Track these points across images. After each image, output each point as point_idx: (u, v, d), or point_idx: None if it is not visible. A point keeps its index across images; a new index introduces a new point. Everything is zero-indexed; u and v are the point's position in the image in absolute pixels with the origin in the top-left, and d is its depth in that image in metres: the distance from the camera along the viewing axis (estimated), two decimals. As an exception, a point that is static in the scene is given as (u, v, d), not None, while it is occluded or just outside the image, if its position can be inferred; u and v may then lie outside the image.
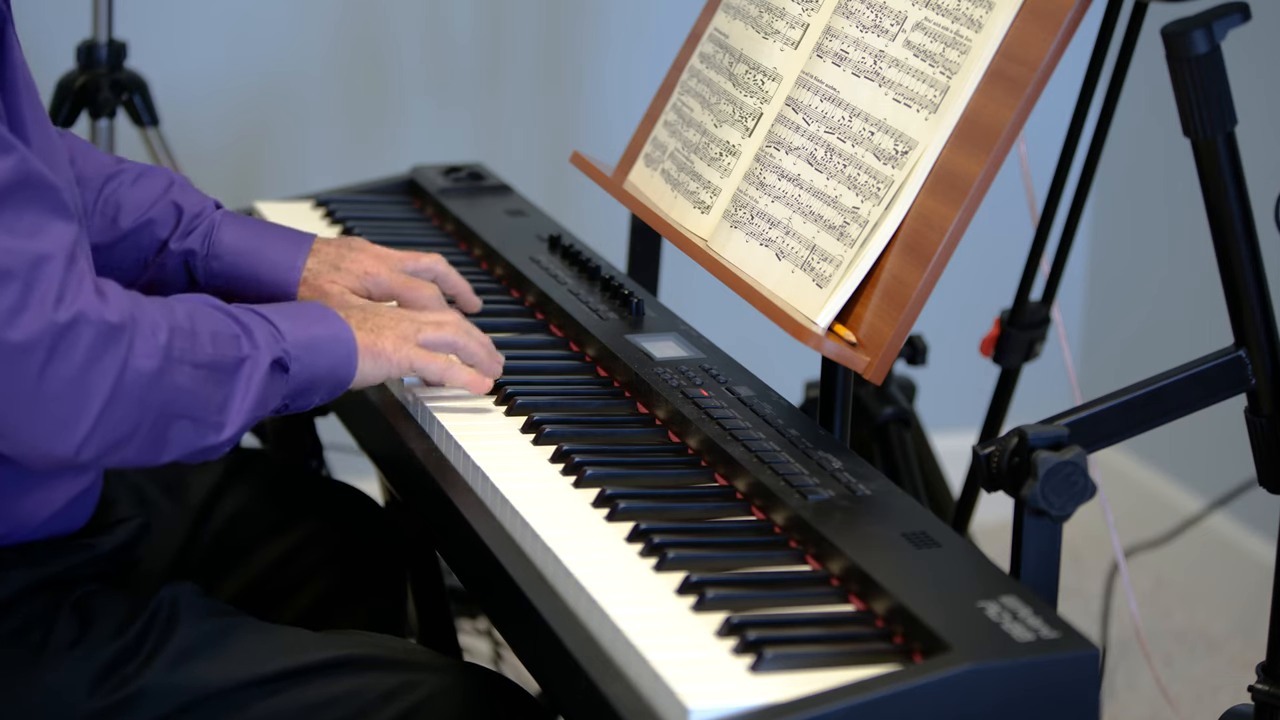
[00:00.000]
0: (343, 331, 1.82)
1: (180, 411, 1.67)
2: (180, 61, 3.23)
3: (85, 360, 1.60)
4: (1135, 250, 3.67)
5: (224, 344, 1.71)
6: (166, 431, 1.67)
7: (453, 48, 3.38)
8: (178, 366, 1.66)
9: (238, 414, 1.71)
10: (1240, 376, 1.92)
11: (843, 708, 1.42)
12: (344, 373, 1.81)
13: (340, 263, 2.03)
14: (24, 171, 1.61)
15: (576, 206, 3.38)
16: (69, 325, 1.59)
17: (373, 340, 1.84)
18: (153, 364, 1.64)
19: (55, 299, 1.59)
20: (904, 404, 2.80)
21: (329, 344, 1.80)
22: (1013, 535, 1.65)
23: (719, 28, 2.11)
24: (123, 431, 1.64)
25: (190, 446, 1.70)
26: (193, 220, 2.05)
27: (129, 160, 2.08)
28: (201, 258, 2.04)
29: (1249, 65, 2.56)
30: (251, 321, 1.75)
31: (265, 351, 1.73)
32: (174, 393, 1.66)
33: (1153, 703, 3.15)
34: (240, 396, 1.71)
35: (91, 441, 1.62)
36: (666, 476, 1.79)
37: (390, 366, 1.84)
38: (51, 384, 1.59)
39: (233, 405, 1.71)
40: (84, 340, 1.60)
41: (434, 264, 2.07)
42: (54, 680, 1.73)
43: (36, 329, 1.58)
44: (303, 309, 1.82)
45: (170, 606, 1.78)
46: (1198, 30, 1.85)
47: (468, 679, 1.80)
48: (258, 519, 2.10)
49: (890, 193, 1.84)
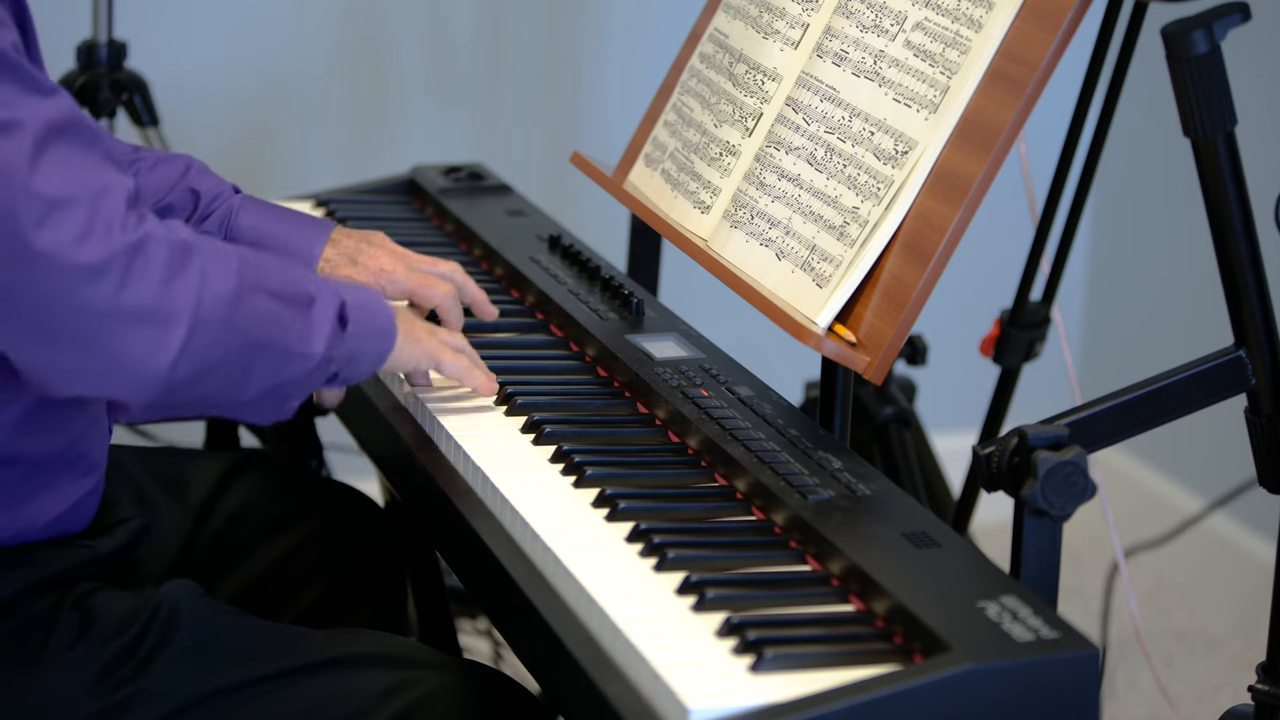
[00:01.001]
0: (382, 303, 1.80)
1: (262, 340, 1.66)
2: (180, 61, 3.23)
3: (164, 275, 1.59)
4: (1135, 250, 3.67)
5: (292, 278, 1.70)
6: (252, 362, 1.65)
7: (453, 48, 3.38)
8: (253, 293, 1.65)
9: (320, 341, 1.69)
10: (1240, 376, 1.92)
11: (843, 708, 1.42)
12: (386, 343, 1.79)
13: (358, 257, 2.02)
14: (76, 114, 1.62)
15: (576, 206, 3.38)
16: (140, 244, 1.58)
17: (409, 327, 1.83)
18: (229, 285, 1.63)
19: (121, 224, 1.58)
20: (904, 404, 2.80)
21: (373, 312, 1.78)
22: (1013, 535, 1.65)
23: (719, 28, 2.11)
24: (213, 355, 1.62)
25: (275, 378, 1.68)
26: (210, 204, 2.05)
27: (146, 148, 2.08)
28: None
29: (1249, 65, 2.55)
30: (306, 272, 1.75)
31: (331, 297, 1.72)
32: (254, 319, 1.65)
33: (1153, 703, 3.15)
34: (319, 327, 1.69)
35: (185, 360, 1.60)
36: (666, 476, 1.79)
37: (421, 354, 1.84)
38: (134, 300, 1.58)
39: (314, 335, 1.69)
40: (159, 257, 1.59)
41: (452, 272, 2.04)
42: (54, 680, 1.73)
43: (107, 250, 1.57)
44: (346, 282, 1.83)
45: (170, 606, 1.78)
46: (1198, 30, 1.85)
47: (468, 677, 1.80)
48: (258, 519, 2.10)
49: (890, 193, 1.84)
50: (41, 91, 1.60)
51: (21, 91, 1.59)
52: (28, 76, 1.60)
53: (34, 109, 1.58)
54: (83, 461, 1.80)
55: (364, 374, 1.79)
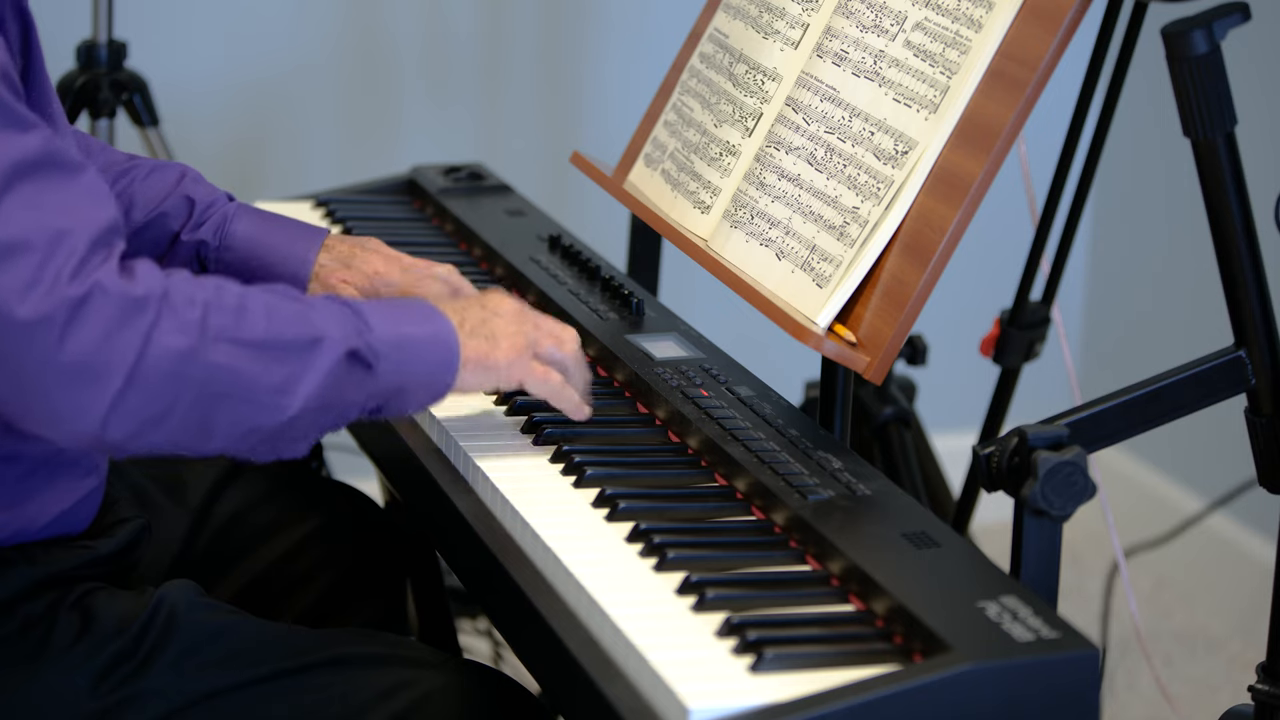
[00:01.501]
0: (444, 333, 1.73)
1: (223, 392, 1.60)
2: (180, 61, 3.23)
3: (104, 333, 1.55)
4: (1135, 250, 3.67)
5: (284, 323, 1.63)
6: (211, 412, 1.60)
7: (453, 48, 3.38)
8: (215, 344, 1.59)
9: (302, 395, 1.62)
10: (1240, 376, 1.92)
11: (843, 708, 1.42)
12: (443, 377, 1.73)
13: (351, 260, 2.03)
14: (49, 149, 1.58)
15: (576, 206, 3.38)
16: (84, 299, 1.55)
17: (486, 351, 1.75)
18: (183, 340, 1.58)
19: (71, 273, 1.55)
20: (904, 404, 2.80)
21: (425, 345, 1.71)
22: (1013, 535, 1.65)
23: (719, 28, 2.11)
24: (155, 410, 1.58)
25: (241, 428, 1.62)
26: (204, 212, 2.04)
27: (141, 157, 2.08)
28: (214, 249, 2.03)
29: (1249, 65, 2.55)
30: (328, 308, 1.67)
31: (339, 339, 1.65)
32: (213, 371, 1.59)
33: (1153, 703, 3.15)
34: (307, 379, 1.63)
35: (117, 418, 1.57)
36: (666, 476, 1.79)
37: (499, 380, 1.77)
38: (69, 356, 1.54)
39: (297, 387, 1.62)
40: (102, 313, 1.55)
41: (448, 275, 2.04)
42: (54, 679, 1.73)
43: (48, 305, 1.53)
44: (405, 305, 1.74)
45: (170, 606, 1.78)
46: (1198, 30, 1.85)
47: (467, 676, 1.80)
48: (258, 519, 2.09)
49: (890, 193, 1.84)
50: (17, 126, 1.57)
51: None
52: (3, 109, 1.57)
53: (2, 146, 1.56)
54: (84, 462, 1.80)
55: (421, 406, 1.74)
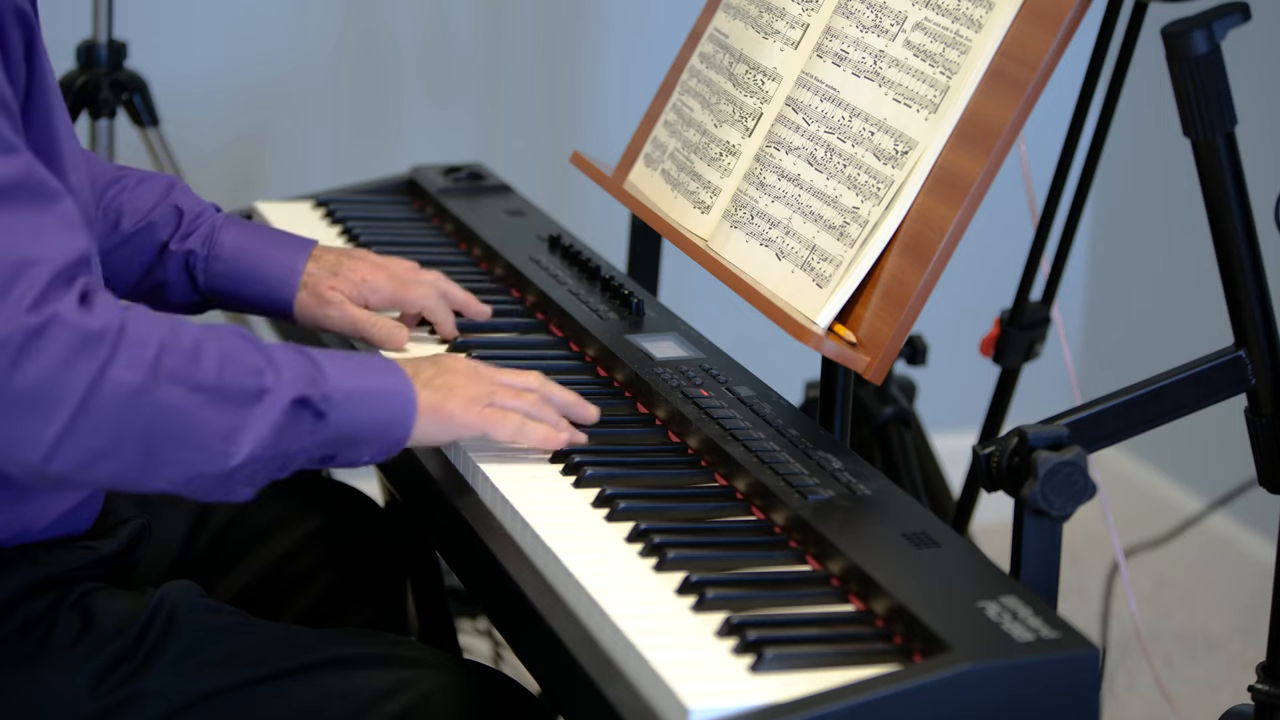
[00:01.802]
0: (401, 386, 1.72)
1: (170, 432, 1.59)
2: (180, 61, 3.23)
3: (56, 365, 1.54)
4: (1135, 250, 3.67)
5: (236, 372, 1.62)
6: (156, 452, 1.59)
7: (453, 48, 3.38)
8: (167, 385, 1.58)
9: (248, 444, 1.62)
10: (1240, 376, 1.92)
11: (843, 708, 1.42)
12: (397, 431, 1.72)
13: (339, 269, 2.04)
14: (26, 175, 1.58)
15: (576, 206, 3.38)
16: (40, 328, 1.53)
17: (440, 401, 1.75)
18: (135, 378, 1.57)
19: (32, 302, 1.53)
20: (904, 404, 2.80)
21: (381, 396, 1.71)
22: (1013, 535, 1.65)
23: (719, 28, 2.11)
24: (98, 444, 1.57)
25: (186, 472, 1.62)
26: (193, 222, 2.05)
27: (130, 168, 2.08)
28: (202, 259, 2.03)
29: (1249, 65, 2.56)
30: (284, 357, 1.66)
31: (289, 387, 1.64)
32: (161, 411, 1.58)
33: (1153, 703, 3.15)
34: (253, 428, 1.62)
35: (62, 452, 1.56)
36: (666, 476, 1.79)
37: (456, 429, 1.76)
38: (18, 386, 1.53)
39: (243, 435, 1.62)
40: (56, 344, 1.54)
41: (435, 280, 2.06)
42: (54, 679, 1.73)
43: (4, 331, 1.52)
44: (365, 359, 1.73)
45: (170, 606, 1.78)
46: (1198, 30, 1.85)
47: (467, 676, 1.80)
48: (257, 519, 2.09)
49: (890, 193, 1.84)
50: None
51: None
52: None
53: None
54: None
55: (374, 458, 1.73)
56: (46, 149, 1.68)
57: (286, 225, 2.39)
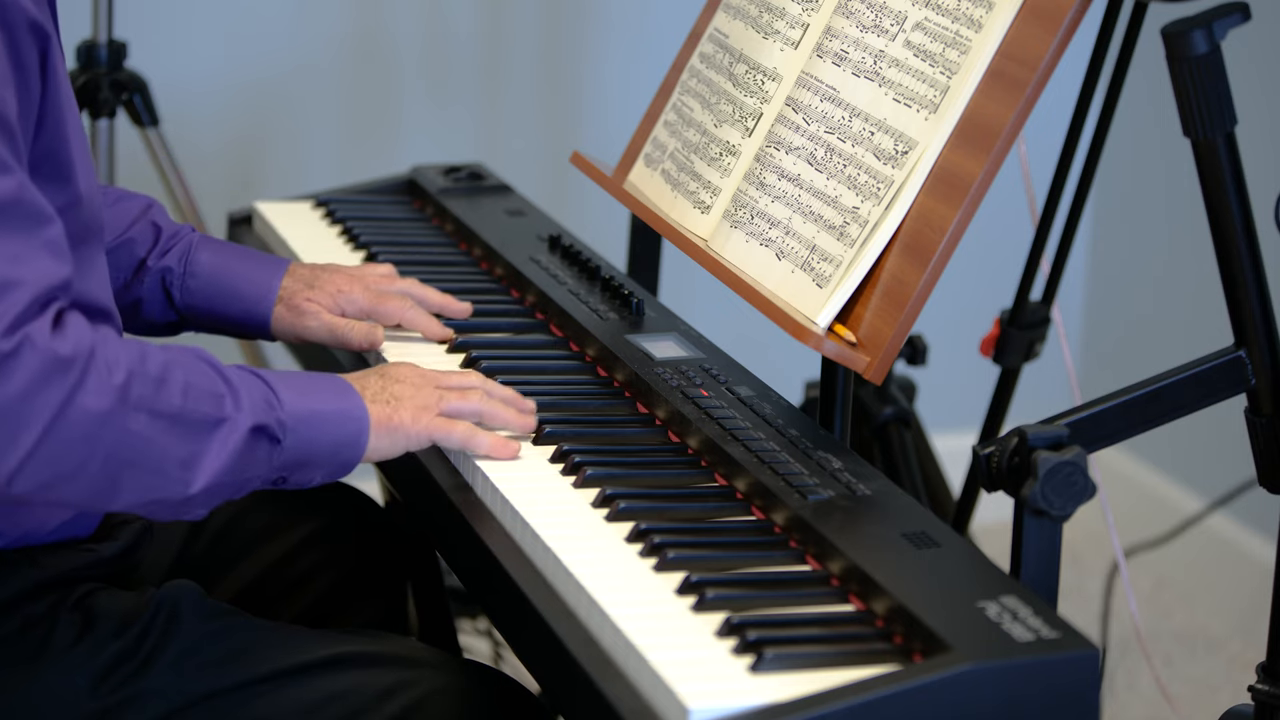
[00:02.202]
0: (354, 409, 1.74)
1: (133, 459, 1.61)
2: (180, 61, 3.23)
3: (24, 389, 1.54)
4: (1135, 250, 3.67)
5: (199, 399, 1.64)
6: (118, 476, 1.61)
7: (453, 48, 3.38)
8: (133, 412, 1.60)
9: (206, 473, 1.64)
10: (1240, 376, 1.92)
11: (843, 708, 1.42)
12: (349, 453, 1.74)
13: (315, 281, 2.06)
14: (18, 198, 1.58)
15: (576, 206, 3.38)
16: (11, 353, 1.54)
17: (388, 414, 1.76)
18: (102, 403, 1.58)
19: (6, 326, 1.54)
20: (904, 404, 2.80)
21: (334, 420, 1.73)
22: (1013, 535, 1.65)
23: (719, 28, 2.11)
24: (63, 468, 1.58)
25: (146, 496, 1.63)
26: (170, 239, 2.07)
27: (108, 186, 2.10)
28: (179, 275, 2.05)
29: (1249, 65, 2.56)
30: (243, 383, 1.68)
31: (248, 415, 1.66)
32: (126, 437, 1.60)
33: (1153, 703, 3.15)
34: (212, 456, 1.64)
35: (26, 473, 1.56)
36: (666, 476, 1.79)
37: (407, 440, 1.78)
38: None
39: (202, 463, 1.64)
40: (26, 368, 1.54)
41: (409, 287, 2.08)
42: (55, 680, 1.73)
43: None
44: (316, 380, 1.75)
45: (171, 606, 1.78)
46: (1198, 30, 1.85)
47: (468, 676, 1.81)
48: (258, 519, 2.10)
49: (890, 193, 1.84)
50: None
51: None
52: None
53: None
54: None
55: (326, 478, 1.75)
56: (57, 157, 1.69)
57: (286, 225, 2.40)
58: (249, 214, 2.49)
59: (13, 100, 1.61)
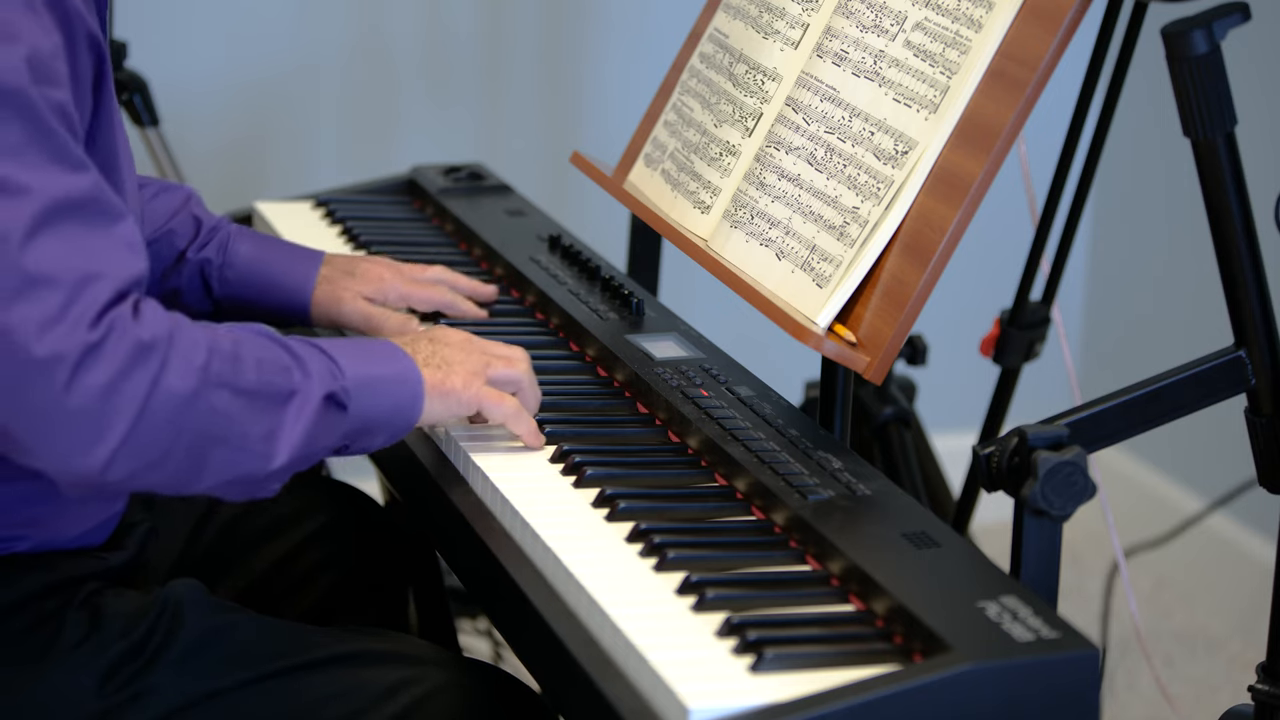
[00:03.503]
0: (409, 371, 1.76)
1: (219, 437, 1.62)
2: (180, 61, 3.23)
3: (113, 377, 1.56)
4: (1135, 250, 3.67)
5: (272, 372, 1.65)
6: (205, 456, 1.62)
7: (453, 48, 3.38)
8: (215, 390, 1.61)
9: (286, 445, 1.65)
10: (1240, 376, 1.92)
11: (843, 708, 1.42)
12: (409, 414, 1.75)
13: (354, 269, 2.10)
14: (96, 195, 1.60)
15: (576, 206, 3.38)
16: (98, 344, 1.55)
17: (441, 378, 1.78)
18: (187, 384, 1.59)
19: (93, 318, 1.56)
20: (904, 404, 2.80)
21: (392, 384, 1.74)
22: (1013, 535, 1.65)
23: (719, 28, 2.11)
24: (154, 454, 1.59)
25: (231, 473, 1.64)
26: (210, 232, 2.11)
27: (149, 178, 2.14)
28: (217, 266, 2.10)
29: (1249, 65, 2.56)
30: (307, 354, 1.69)
31: (318, 385, 1.67)
32: (211, 416, 1.61)
33: (1153, 703, 3.15)
34: (290, 427, 1.65)
35: (119, 461, 1.57)
36: (666, 476, 1.79)
37: (459, 406, 1.79)
38: (76, 399, 1.55)
39: (281, 436, 1.64)
40: (113, 358, 1.56)
41: (441, 273, 2.13)
42: (62, 678, 1.73)
43: (65, 345, 1.54)
44: (369, 345, 1.76)
45: (176, 604, 1.79)
46: (1198, 30, 1.85)
47: (470, 674, 1.81)
48: (259, 520, 2.10)
49: (890, 193, 1.84)
50: (67, 164, 1.58)
51: (46, 159, 1.57)
52: (59, 146, 1.58)
53: (48, 180, 1.57)
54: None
55: (386, 442, 1.76)
56: (108, 171, 1.70)
57: (286, 225, 2.40)
58: (249, 214, 2.49)
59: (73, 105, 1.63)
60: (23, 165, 1.56)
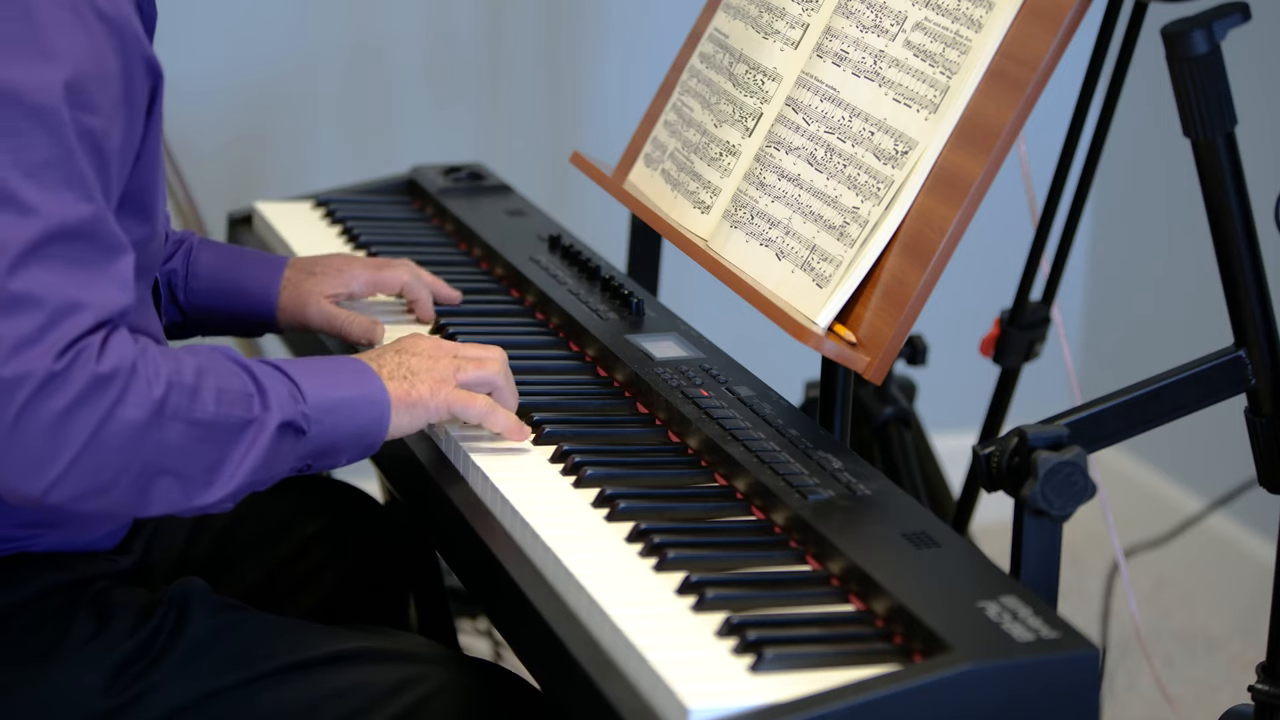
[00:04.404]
0: (375, 392, 1.75)
1: (166, 467, 1.62)
2: (180, 61, 3.23)
3: (69, 405, 1.56)
4: (1135, 250, 3.67)
5: (230, 403, 1.65)
6: (150, 485, 1.63)
7: (453, 48, 3.38)
8: (169, 423, 1.61)
9: (231, 477, 1.65)
10: (1240, 376, 1.92)
11: (843, 708, 1.42)
12: (373, 435, 1.75)
13: (314, 268, 2.10)
14: (96, 225, 1.60)
15: (576, 206, 3.38)
16: (61, 372, 1.56)
17: (407, 389, 1.77)
18: (141, 415, 1.60)
19: (64, 346, 1.56)
20: (904, 404, 2.80)
21: (357, 406, 1.74)
22: (1013, 535, 1.65)
23: (719, 28, 2.11)
24: (100, 480, 1.60)
25: (176, 505, 1.65)
26: (174, 245, 2.12)
27: None
28: (182, 278, 2.10)
29: (1249, 65, 2.56)
30: (270, 381, 1.69)
31: (276, 413, 1.67)
32: (161, 447, 1.61)
33: (1153, 703, 3.15)
34: (238, 459, 1.65)
35: (62, 486, 1.58)
36: (666, 476, 1.79)
37: (428, 414, 1.79)
38: (30, 422, 1.56)
39: (226, 467, 1.65)
40: (71, 386, 1.56)
41: (406, 262, 2.13)
42: (68, 677, 1.74)
43: (31, 368, 1.55)
44: (335, 366, 1.76)
45: (180, 603, 1.79)
46: (1198, 30, 1.85)
47: (473, 673, 1.81)
48: (260, 520, 2.10)
49: (890, 193, 1.84)
50: (79, 191, 1.59)
51: (61, 184, 1.58)
52: (76, 172, 1.59)
53: (58, 205, 1.58)
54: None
55: (351, 461, 1.76)
56: (145, 194, 1.72)
57: (286, 225, 2.40)
58: (249, 214, 2.49)
59: (117, 133, 1.64)
60: (37, 185, 1.57)
